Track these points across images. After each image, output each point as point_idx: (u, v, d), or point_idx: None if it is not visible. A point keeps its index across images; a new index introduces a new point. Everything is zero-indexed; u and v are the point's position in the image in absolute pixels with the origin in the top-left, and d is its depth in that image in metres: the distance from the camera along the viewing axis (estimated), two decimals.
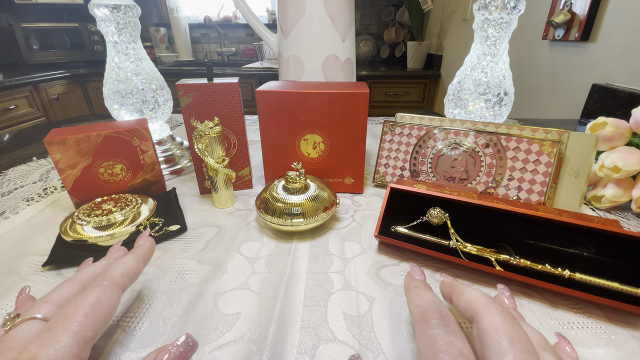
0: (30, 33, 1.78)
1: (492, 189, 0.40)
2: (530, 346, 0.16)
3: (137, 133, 0.40)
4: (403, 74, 1.84)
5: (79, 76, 1.84)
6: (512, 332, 0.16)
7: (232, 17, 2.25)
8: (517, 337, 0.16)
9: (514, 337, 0.16)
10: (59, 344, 0.16)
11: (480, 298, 0.19)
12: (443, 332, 0.17)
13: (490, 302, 0.18)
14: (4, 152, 0.63)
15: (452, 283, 0.23)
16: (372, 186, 0.48)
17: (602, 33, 0.82)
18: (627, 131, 0.41)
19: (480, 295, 0.19)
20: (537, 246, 0.29)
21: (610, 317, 0.26)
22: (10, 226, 0.38)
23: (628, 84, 0.75)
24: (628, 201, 0.41)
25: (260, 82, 1.80)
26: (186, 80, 0.40)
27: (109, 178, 0.41)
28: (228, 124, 0.43)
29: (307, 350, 0.23)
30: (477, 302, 0.19)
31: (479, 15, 0.46)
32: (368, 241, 0.36)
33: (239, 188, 0.47)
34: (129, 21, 0.45)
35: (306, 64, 0.52)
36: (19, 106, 1.55)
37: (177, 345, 0.18)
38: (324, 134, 0.43)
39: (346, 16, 0.51)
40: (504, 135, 0.40)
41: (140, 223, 0.35)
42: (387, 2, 2.13)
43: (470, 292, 0.20)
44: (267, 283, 0.30)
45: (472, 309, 0.19)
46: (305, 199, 0.35)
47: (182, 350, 0.18)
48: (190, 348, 0.19)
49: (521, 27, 0.73)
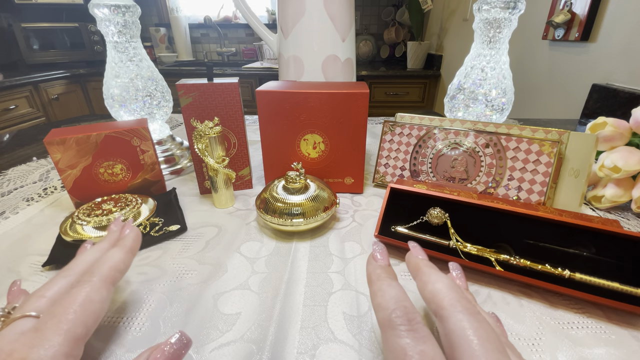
0: (30, 33, 1.78)
1: (492, 189, 0.40)
2: (499, 343, 0.16)
3: (137, 133, 0.40)
4: (403, 74, 1.84)
5: (79, 76, 1.84)
6: (480, 331, 0.16)
7: (232, 17, 2.25)
8: (486, 335, 0.16)
9: (483, 336, 0.16)
10: (49, 344, 0.16)
11: (444, 292, 0.19)
12: (412, 341, 0.16)
13: (455, 298, 0.18)
14: (4, 152, 0.63)
15: (417, 266, 0.22)
16: (372, 186, 0.48)
17: (602, 33, 0.82)
18: (627, 131, 0.41)
19: (444, 288, 0.19)
20: (537, 246, 0.29)
21: (610, 317, 0.26)
22: (10, 226, 0.38)
23: (628, 84, 0.75)
24: (628, 201, 0.41)
25: (260, 82, 1.80)
26: (186, 80, 0.40)
27: (109, 178, 0.41)
28: (228, 124, 0.43)
29: (307, 350, 0.23)
30: (442, 297, 0.18)
31: (479, 15, 0.46)
32: (368, 241, 0.36)
33: (239, 188, 0.47)
34: (129, 21, 0.45)
35: (306, 64, 0.52)
36: (19, 106, 1.55)
37: (171, 343, 0.18)
38: (324, 134, 0.43)
39: (346, 16, 0.51)
40: (504, 135, 0.40)
41: (140, 223, 0.35)
42: (387, 2, 2.13)
43: (434, 284, 0.19)
44: (267, 283, 0.30)
45: (436, 303, 0.18)
46: (305, 199, 0.35)
47: (175, 348, 0.18)
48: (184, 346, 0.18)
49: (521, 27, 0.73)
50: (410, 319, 0.17)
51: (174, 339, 0.18)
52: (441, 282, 0.19)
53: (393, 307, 0.18)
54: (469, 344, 0.16)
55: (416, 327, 0.17)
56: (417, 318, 0.17)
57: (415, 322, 0.17)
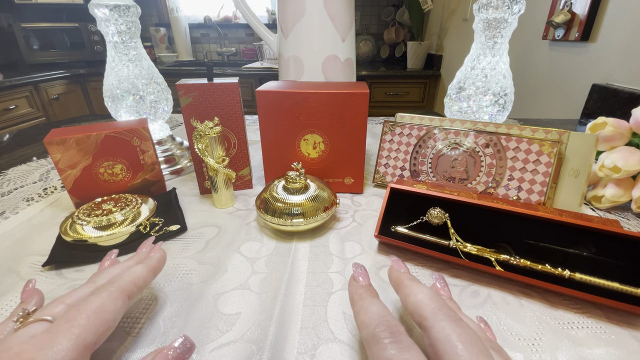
0: (30, 33, 1.78)
1: (492, 189, 0.40)
2: (483, 347, 0.17)
3: (137, 133, 0.40)
4: (403, 74, 1.84)
5: (79, 76, 1.84)
6: (464, 336, 0.17)
7: (232, 17, 2.25)
8: (470, 340, 0.16)
9: (467, 341, 0.16)
10: (58, 347, 0.16)
11: (426, 303, 0.19)
12: (397, 351, 0.16)
13: (437, 308, 0.18)
14: (4, 152, 0.63)
15: (399, 279, 0.22)
16: (372, 186, 0.48)
17: (602, 33, 0.82)
18: (627, 131, 0.41)
19: (426, 298, 0.19)
20: (537, 246, 0.29)
21: (610, 317, 0.26)
22: (10, 226, 0.38)
23: (628, 84, 0.75)
24: (628, 201, 0.41)
25: (260, 82, 1.80)
26: (186, 80, 0.40)
27: (109, 178, 0.41)
28: (228, 124, 0.43)
29: (307, 350, 0.23)
30: (424, 308, 0.19)
31: (479, 15, 0.46)
32: (368, 241, 0.36)
33: (239, 188, 0.47)
34: (129, 21, 0.45)
35: (306, 64, 0.52)
36: (19, 106, 1.55)
37: (174, 347, 0.18)
38: (324, 134, 0.43)
39: (346, 16, 0.51)
40: (504, 135, 0.40)
41: (140, 223, 0.35)
42: (387, 2, 2.13)
43: (416, 295, 0.20)
44: (267, 283, 0.30)
45: (419, 314, 0.19)
46: (305, 199, 0.35)
47: (179, 352, 0.18)
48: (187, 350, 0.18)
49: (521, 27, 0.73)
50: (394, 332, 0.17)
51: (177, 343, 0.18)
52: (423, 293, 0.20)
53: (376, 323, 0.18)
54: (453, 349, 0.16)
55: (400, 339, 0.17)
56: (401, 329, 0.18)
57: (399, 334, 0.17)
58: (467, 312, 0.26)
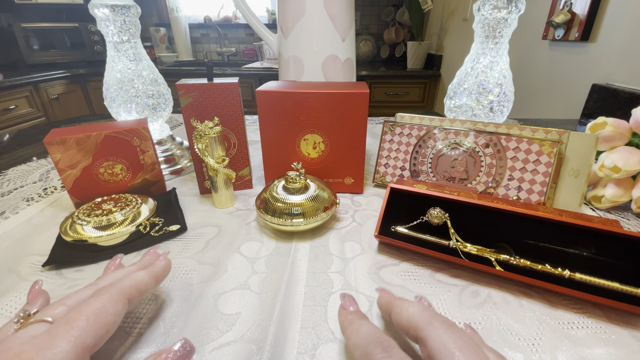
0: (30, 33, 1.78)
1: (492, 189, 0.40)
2: (479, 350, 0.17)
3: (137, 133, 0.40)
4: (403, 74, 1.84)
5: (79, 76, 1.84)
6: (459, 342, 0.17)
7: (232, 17, 2.25)
8: (466, 345, 0.17)
9: (463, 346, 0.16)
10: (57, 349, 0.16)
11: (419, 314, 0.19)
12: None
13: (430, 316, 0.19)
14: (4, 152, 0.63)
15: (388, 300, 0.22)
16: (372, 186, 0.48)
17: (602, 33, 0.82)
18: (627, 131, 0.41)
19: (418, 311, 0.19)
20: (537, 246, 0.29)
21: (610, 317, 0.26)
22: (10, 226, 0.38)
23: (628, 84, 0.75)
24: (628, 201, 0.41)
25: (260, 82, 1.80)
26: (186, 80, 0.40)
27: (109, 178, 0.41)
28: (228, 124, 0.43)
29: (307, 350, 0.23)
30: (418, 320, 0.19)
31: (479, 15, 0.46)
32: (368, 241, 0.36)
33: (239, 188, 0.47)
34: (129, 21, 0.45)
35: (306, 64, 0.52)
36: (19, 106, 1.55)
37: (174, 351, 0.18)
38: (324, 134, 0.43)
39: (346, 16, 0.51)
40: (504, 135, 0.40)
41: (140, 223, 0.35)
42: (387, 2, 2.13)
43: (408, 309, 0.20)
44: (267, 283, 0.30)
45: (414, 328, 0.19)
46: (305, 199, 0.35)
47: (179, 355, 0.18)
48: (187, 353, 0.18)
49: (521, 27, 0.73)
50: (386, 347, 0.18)
51: (177, 346, 0.18)
52: (413, 307, 0.20)
53: (367, 341, 0.18)
54: (451, 356, 0.16)
55: (392, 352, 0.17)
56: (392, 344, 0.18)
57: (391, 348, 0.17)
58: (467, 312, 0.26)
